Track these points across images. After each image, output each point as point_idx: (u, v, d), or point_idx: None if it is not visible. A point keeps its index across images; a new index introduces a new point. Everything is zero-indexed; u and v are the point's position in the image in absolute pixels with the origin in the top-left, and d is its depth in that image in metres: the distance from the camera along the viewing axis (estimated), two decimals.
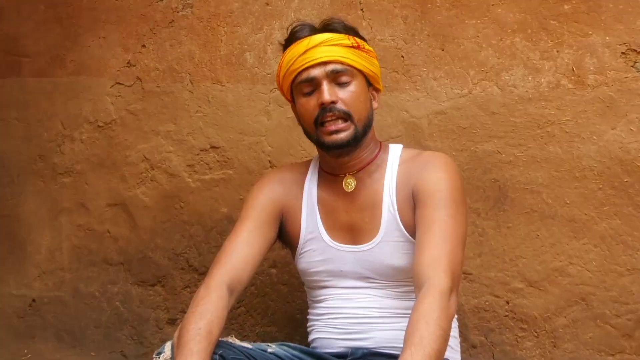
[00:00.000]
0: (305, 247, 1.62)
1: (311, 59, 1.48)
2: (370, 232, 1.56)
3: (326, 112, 1.48)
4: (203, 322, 1.38)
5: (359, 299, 1.57)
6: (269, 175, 1.69)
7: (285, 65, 1.52)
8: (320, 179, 1.63)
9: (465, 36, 1.86)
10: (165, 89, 2.27)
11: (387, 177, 1.57)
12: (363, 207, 1.57)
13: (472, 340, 1.88)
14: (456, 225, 1.45)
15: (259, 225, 1.58)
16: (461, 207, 1.49)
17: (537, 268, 1.81)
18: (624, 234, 1.73)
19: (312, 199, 1.62)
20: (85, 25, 2.39)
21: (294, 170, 1.69)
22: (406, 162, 1.57)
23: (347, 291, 1.59)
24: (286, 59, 1.52)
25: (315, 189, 1.63)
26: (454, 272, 1.37)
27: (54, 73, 2.45)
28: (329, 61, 1.48)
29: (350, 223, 1.58)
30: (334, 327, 1.59)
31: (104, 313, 2.36)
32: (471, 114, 1.86)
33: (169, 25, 2.25)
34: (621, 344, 1.74)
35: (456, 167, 1.56)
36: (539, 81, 1.79)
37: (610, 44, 1.72)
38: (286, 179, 1.66)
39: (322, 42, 1.49)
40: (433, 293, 1.32)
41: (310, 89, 1.50)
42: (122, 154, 2.33)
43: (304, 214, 1.62)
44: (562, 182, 1.78)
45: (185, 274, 2.24)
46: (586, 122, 1.75)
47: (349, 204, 1.58)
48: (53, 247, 2.46)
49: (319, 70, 1.48)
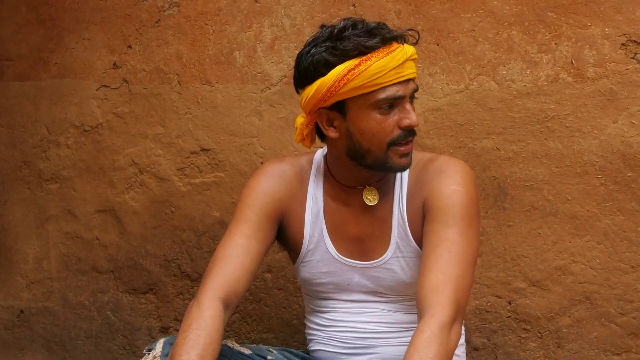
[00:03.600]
0: (308, 257, 1.57)
1: (404, 74, 1.38)
2: (380, 247, 1.52)
3: (409, 136, 1.41)
4: (195, 353, 1.31)
5: (368, 313, 1.54)
6: (267, 168, 1.60)
7: (372, 74, 1.36)
8: (328, 186, 1.57)
9: (460, 30, 1.87)
10: (152, 90, 2.26)
11: (397, 187, 1.52)
12: (374, 220, 1.52)
13: (474, 343, 1.90)
14: (467, 244, 1.39)
15: (256, 228, 1.51)
16: (474, 222, 1.43)
17: (539, 267, 1.83)
18: (627, 230, 1.74)
19: (318, 206, 1.56)
20: (69, 27, 2.38)
21: (294, 165, 1.61)
22: (417, 168, 1.51)
23: (354, 305, 1.56)
24: (372, 69, 1.35)
25: (321, 195, 1.57)
26: (459, 301, 1.32)
27: (38, 76, 2.45)
28: (412, 79, 1.41)
29: (360, 237, 1.54)
30: (338, 341, 1.56)
31: (94, 323, 2.36)
32: (468, 110, 1.87)
33: (155, 25, 2.25)
34: (627, 343, 1.76)
35: (472, 177, 1.49)
36: (537, 75, 1.80)
37: (610, 35, 1.73)
38: (287, 175, 1.58)
39: (411, 55, 1.39)
40: (432, 327, 1.28)
41: (389, 107, 1.39)
42: (110, 159, 2.32)
43: (308, 220, 1.56)
44: (563, 178, 1.80)
45: (177, 280, 2.24)
46: (587, 116, 1.77)
47: (360, 216, 1.53)
48: (40, 255, 2.46)
49: (406, 88, 1.39)
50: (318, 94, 1.39)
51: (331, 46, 1.38)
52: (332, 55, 1.37)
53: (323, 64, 1.38)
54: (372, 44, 1.36)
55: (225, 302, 1.40)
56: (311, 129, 1.50)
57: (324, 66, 1.37)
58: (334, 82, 1.36)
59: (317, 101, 1.41)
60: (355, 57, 1.35)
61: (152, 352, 1.43)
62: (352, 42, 1.36)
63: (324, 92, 1.38)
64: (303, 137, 1.51)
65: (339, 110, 1.41)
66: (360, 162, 1.45)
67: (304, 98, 1.44)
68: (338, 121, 1.42)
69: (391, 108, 1.39)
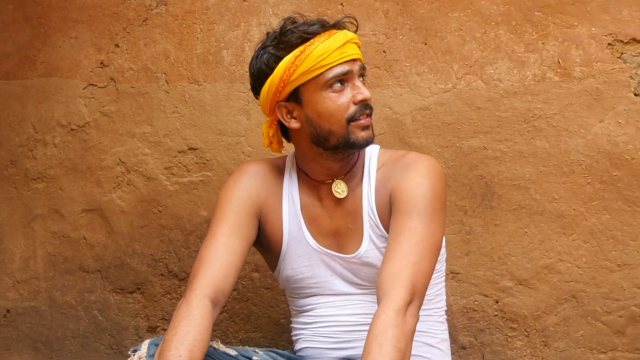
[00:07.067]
0: (290, 252, 1.58)
1: (348, 54, 1.44)
2: (355, 241, 1.55)
3: (365, 109, 1.46)
4: (184, 348, 1.32)
5: (351, 305, 1.55)
6: (243, 168, 1.63)
7: (316, 57, 1.42)
8: (302, 183, 1.60)
9: (448, 29, 1.88)
10: (140, 89, 2.25)
11: (365, 182, 1.55)
12: (345, 214, 1.55)
13: (461, 342, 1.91)
14: (429, 234, 1.41)
15: (237, 226, 1.52)
16: (438, 215, 1.45)
17: (526, 266, 1.84)
18: (613, 229, 1.76)
19: (295, 202, 1.59)
20: (56, 25, 2.37)
21: (269, 165, 1.64)
22: (387, 164, 1.55)
23: (337, 298, 1.57)
24: (317, 50, 1.42)
25: (296, 192, 1.59)
26: (415, 286, 1.35)
27: (24, 75, 2.43)
28: (357, 59, 1.47)
29: (335, 230, 1.56)
30: (324, 336, 1.58)
31: (81, 322, 2.35)
32: (456, 110, 1.89)
33: (142, 24, 2.24)
34: (613, 341, 1.77)
35: (440, 171, 1.52)
36: (524, 74, 1.82)
37: (596, 35, 1.75)
38: (263, 173, 1.61)
39: (352, 39, 1.46)
40: (387, 310, 1.30)
41: (340, 84, 1.45)
42: (97, 158, 2.31)
43: (286, 216, 1.58)
44: (549, 177, 1.81)
45: (165, 280, 2.24)
46: (573, 116, 1.78)
47: (332, 210, 1.56)
48: (27, 255, 2.44)
49: (352, 66, 1.45)
50: (272, 87, 1.45)
51: (277, 43, 1.45)
52: (279, 49, 1.44)
53: (273, 60, 1.44)
54: (314, 29, 1.44)
55: (213, 301, 1.41)
56: (275, 129, 1.54)
57: (274, 62, 1.44)
58: (284, 71, 1.42)
59: (273, 95, 1.46)
60: (300, 45, 1.42)
61: (138, 352, 1.43)
62: (295, 33, 1.43)
63: (277, 84, 1.44)
64: (270, 139, 1.56)
65: (295, 100, 1.46)
66: (326, 146, 1.48)
67: (262, 98, 1.50)
68: (297, 111, 1.47)
69: (343, 86, 1.44)
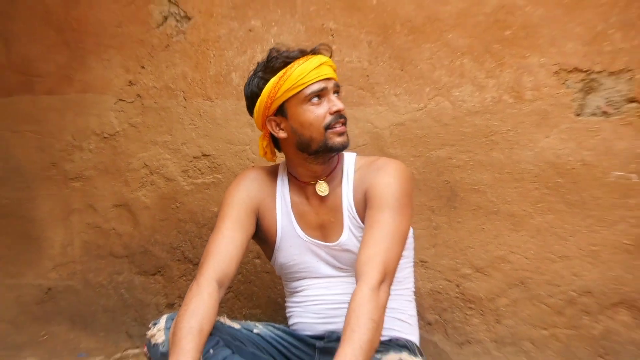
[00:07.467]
0: (283, 243, 1.58)
1: (322, 74, 1.45)
2: (336, 231, 1.54)
3: (340, 119, 1.46)
4: (195, 321, 1.34)
5: (334, 286, 1.55)
6: (243, 175, 1.63)
7: (296, 77, 1.43)
8: (292, 185, 1.59)
9: (421, 58, 1.86)
10: (162, 104, 2.24)
11: (344, 182, 1.54)
12: (328, 209, 1.55)
13: (428, 319, 1.89)
14: (397, 225, 1.42)
15: (238, 222, 1.52)
16: (405, 209, 1.45)
17: (483, 256, 1.82)
18: (556, 227, 1.75)
19: (286, 201, 1.58)
20: (91, 49, 2.35)
21: (264, 171, 1.63)
22: (362, 168, 1.54)
23: (323, 281, 1.57)
24: (296, 72, 1.43)
25: (287, 192, 1.58)
26: (386, 267, 1.36)
27: (63, 91, 2.41)
28: (332, 78, 1.48)
29: (320, 224, 1.56)
30: (313, 313, 1.57)
31: (110, 299, 2.35)
32: (426, 125, 1.86)
33: (164, 49, 2.23)
34: (554, 319, 1.77)
35: (407, 173, 1.51)
36: (484, 97, 1.80)
37: (545, 64, 1.74)
38: (259, 178, 1.61)
39: (327, 62, 1.47)
40: (363, 288, 1.31)
41: (317, 99, 1.46)
42: (125, 162, 2.31)
43: (279, 213, 1.58)
44: (503, 183, 1.79)
45: (181, 264, 2.22)
46: (524, 132, 1.77)
47: (317, 206, 1.56)
48: (65, 243, 2.43)
49: (327, 83, 1.46)
50: (262, 104, 1.47)
51: (264, 68, 1.48)
52: (266, 73, 1.47)
53: (262, 82, 1.47)
54: (293, 55, 1.46)
55: (219, 283, 1.43)
56: (268, 141, 1.55)
57: (263, 84, 1.47)
58: (271, 90, 1.45)
59: (263, 111, 1.48)
60: (283, 68, 1.44)
61: (157, 325, 1.45)
62: (278, 59, 1.45)
63: (265, 101, 1.46)
64: (265, 150, 1.56)
65: (282, 114, 1.48)
66: (309, 152, 1.49)
67: (255, 115, 1.51)
68: (284, 123, 1.48)
69: (320, 100, 1.45)
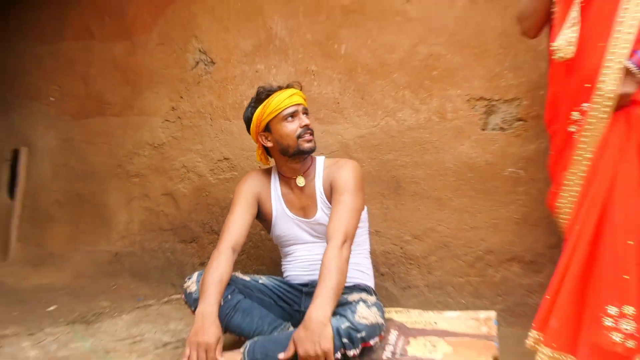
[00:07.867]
0: (277, 221, 1.66)
1: (295, 101, 1.56)
2: (313, 210, 1.62)
3: (307, 130, 1.55)
4: (217, 275, 1.43)
5: (314, 249, 1.62)
6: (248, 175, 1.68)
7: (275, 104, 1.53)
8: (281, 180, 1.67)
9: (375, 91, 1.96)
10: (195, 123, 2.32)
11: (317, 177, 1.62)
12: (307, 196, 1.63)
13: (380, 271, 1.97)
14: (354, 203, 1.52)
15: (246, 206, 1.60)
16: (359, 192, 1.54)
17: (419, 227, 1.90)
18: (468, 207, 1.85)
19: (278, 192, 1.65)
20: (145, 84, 2.46)
21: (263, 172, 1.68)
22: (329, 166, 1.63)
23: (305, 246, 1.64)
24: (274, 100, 1.53)
25: (278, 186, 1.66)
26: (347, 233, 1.45)
27: (126, 114, 2.51)
28: (301, 103, 1.58)
29: (301, 207, 1.64)
30: (300, 268, 1.65)
31: (160, 261, 2.41)
32: (379, 137, 1.95)
33: (196, 85, 2.31)
34: (467, 271, 1.85)
35: (359, 169, 1.59)
36: (419, 117, 1.89)
37: (460, 95, 1.83)
38: (259, 177, 1.66)
39: (297, 92, 1.59)
40: (331, 247, 1.41)
41: (291, 118, 1.54)
42: (169, 164, 2.40)
43: (273, 200, 1.65)
44: (433, 177, 1.88)
45: (209, 235, 2.29)
46: (447, 141, 1.86)
47: (299, 194, 1.63)
48: (128, 221, 2.54)
49: (298, 107, 1.56)
50: (254, 125, 1.59)
51: (255, 101, 1.61)
52: (257, 103, 1.60)
53: (254, 110, 1.59)
54: (273, 89, 1.59)
55: (233, 249, 1.53)
56: (262, 150, 1.65)
57: (254, 111, 1.58)
58: (259, 115, 1.56)
59: (256, 129, 1.60)
60: (266, 99, 1.57)
61: (191, 279, 1.54)
62: (263, 93, 1.59)
63: (256, 122, 1.58)
64: (260, 157, 1.67)
65: (268, 130, 1.58)
66: (288, 155, 1.57)
67: (251, 133, 1.62)
68: (270, 136, 1.59)
69: (293, 118, 1.55)
